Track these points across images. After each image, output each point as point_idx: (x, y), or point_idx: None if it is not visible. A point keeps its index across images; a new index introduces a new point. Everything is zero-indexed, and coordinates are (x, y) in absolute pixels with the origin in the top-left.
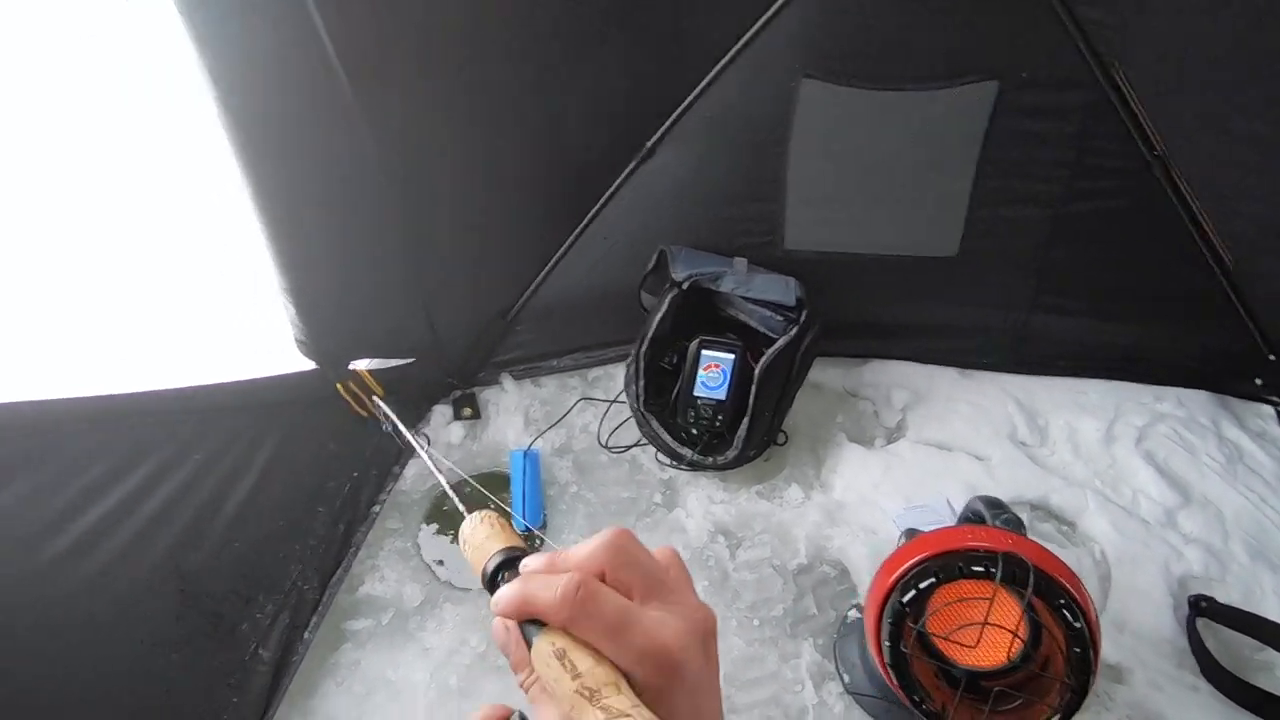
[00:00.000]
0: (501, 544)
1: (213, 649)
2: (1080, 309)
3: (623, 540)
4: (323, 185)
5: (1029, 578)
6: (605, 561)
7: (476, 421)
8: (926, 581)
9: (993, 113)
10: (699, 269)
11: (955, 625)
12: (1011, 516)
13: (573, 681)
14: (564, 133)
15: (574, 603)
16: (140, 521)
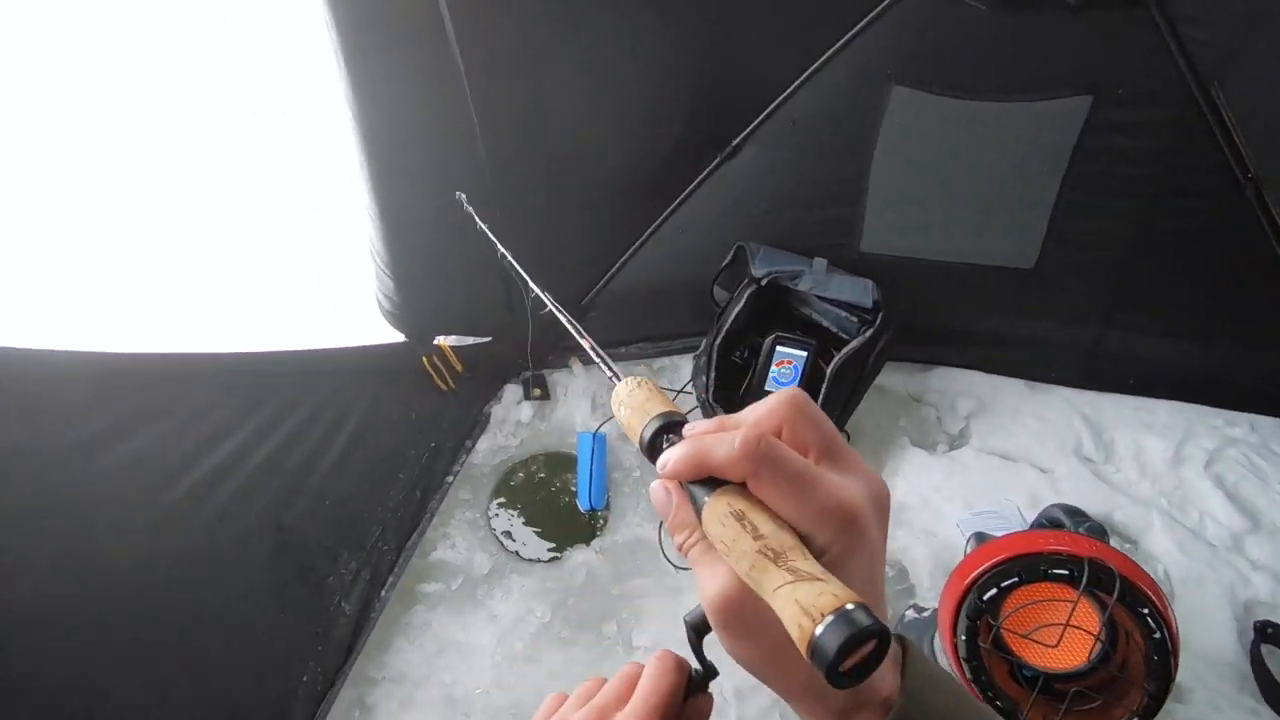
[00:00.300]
0: (662, 407)
1: (303, 598)
2: (1155, 328)
3: (800, 399)
4: (431, 167)
5: (1115, 584)
6: (783, 419)
7: (545, 402)
8: (1008, 581)
9: (1083, 127)
10: (778, 266)
11: (1034, 625)
12: (1095, 524)
13: (754, 542)
14: (656, 126)
15: (755, 455)
16: (248, 472)
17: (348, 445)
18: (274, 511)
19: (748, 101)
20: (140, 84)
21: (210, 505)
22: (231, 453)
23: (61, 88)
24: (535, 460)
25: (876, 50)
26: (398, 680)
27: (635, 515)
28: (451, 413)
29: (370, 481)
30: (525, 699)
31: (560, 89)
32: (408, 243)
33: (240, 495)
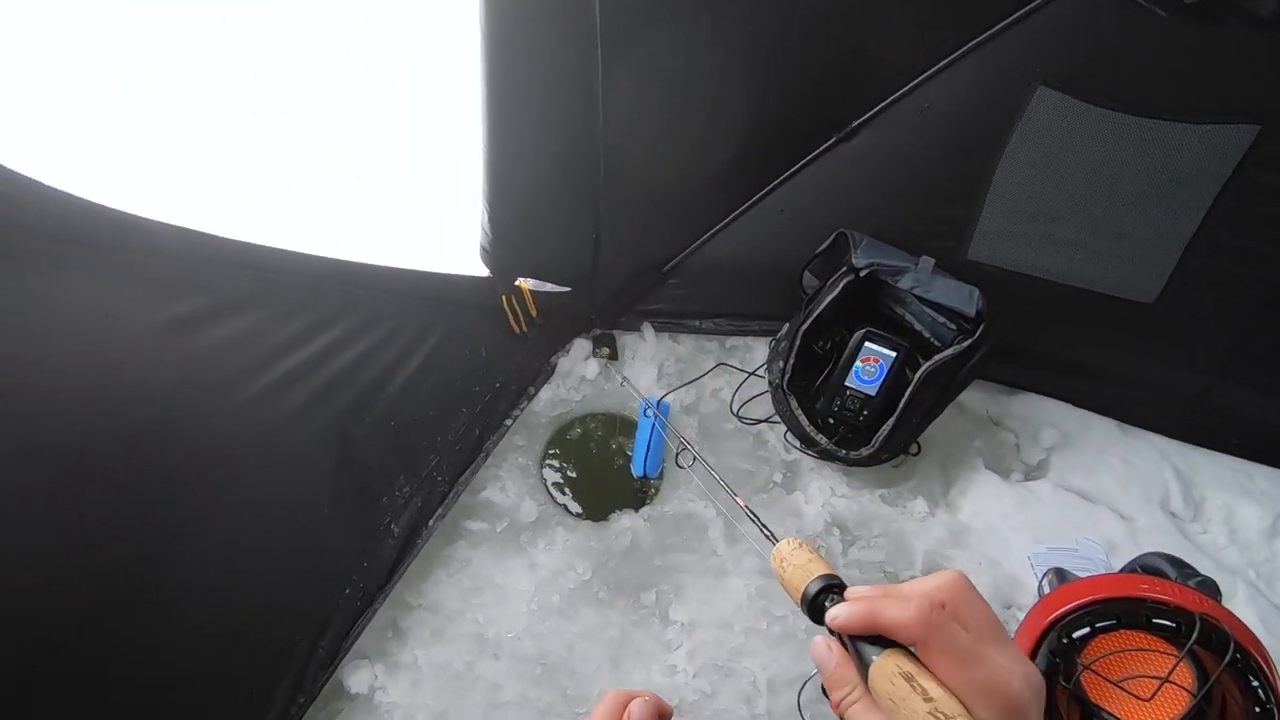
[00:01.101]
0: (824, 569)
1: (356, 512)
2: (1276, 387)
3: (966, 581)
4: (547, 109)
5: (1228, 646)
6: (947, 597)
7: (613, 363)
8: (1105, 622)
9: (1243, 159)
10: (881, 260)
11: (1124, 675)
12: (1207, 580)
13: (925, 704)
14: (769, 99)
15: (929, 621)
16: (326, 378)
17: (419, 370)
18: (343, 422)
19: (873, 83)
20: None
21: (286, 405)
22: (313, 356)
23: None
24: (594, 418)
25: (1026, 46)
26: (433, 610)
27: (687, 490)
28: (520, 356)
29: (435, 410)
30: (554, 651)
31: (688, 50)
32: (512, 185)
33: (315, 400)
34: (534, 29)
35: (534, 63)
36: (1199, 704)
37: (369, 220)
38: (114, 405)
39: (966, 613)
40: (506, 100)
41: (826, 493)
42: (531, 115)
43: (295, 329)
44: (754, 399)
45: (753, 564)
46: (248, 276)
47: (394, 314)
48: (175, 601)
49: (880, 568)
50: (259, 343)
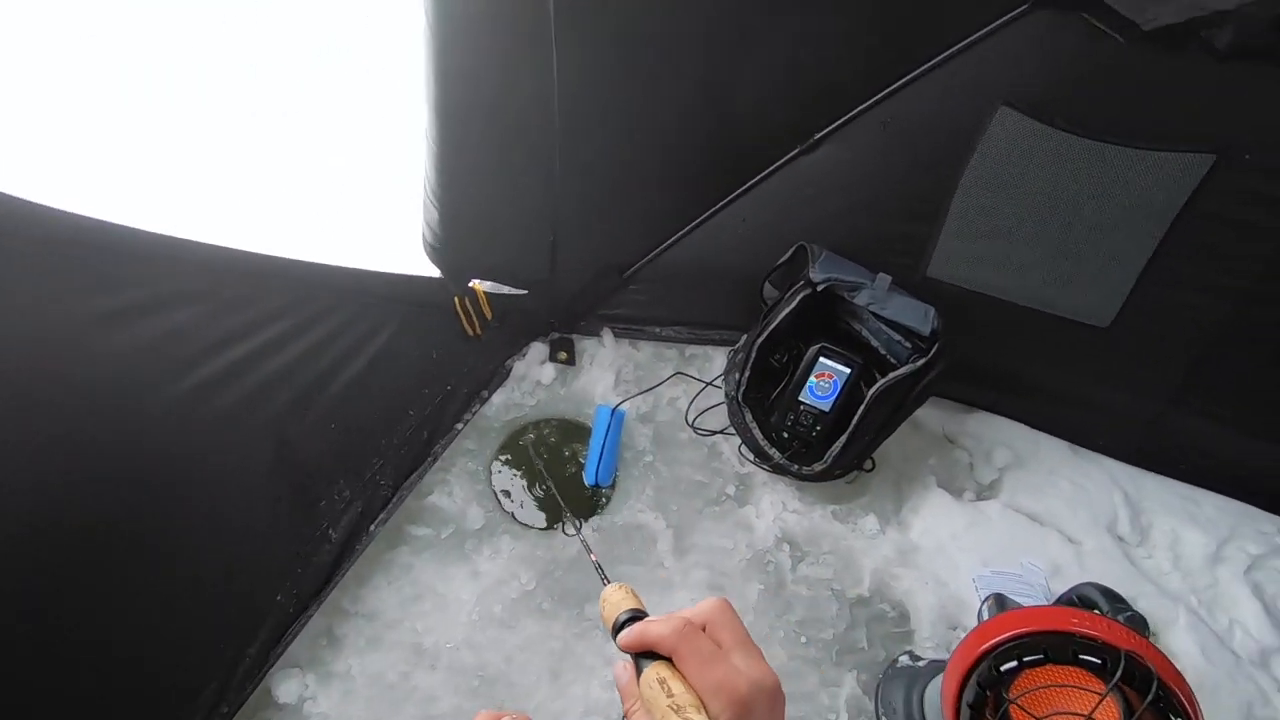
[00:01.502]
0: (632, 605)
1: (292, 516)
2: (1226, 416)
3: (724, 605)
4: (499, 107)
5: (1151, 686)
6: (707, 618)
7: (569, 368)
8: (1032, 656)
9: (1198, 188)
10: (838, 275)
11: (1048, 710)
12: (1137, 615)
13: (667, 699)
14: (731, 104)
15: (681, 634)
16: (262, 376)
17: (364, 372)
18: (281, 423)
19: (836, 96)
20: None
21: (219, 403)
22: (250, 353)
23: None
24: (549, 424)
25: (989, 66)
26: (370, 617)
27: (639, 500)
28: (473, 359)
29: (379, 413)
30: (493, 662)
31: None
32: (461, 180)
33: (250, 399)
34: (482, 23)
35: (482, 57)
36: None
37: (318, 217)
38: (33, 399)
39: (721, 630)
40: (454, 95)
41: (778, 507)
42: (480, 111)
43: (230, 326)
44: (710, 409)
45: (700, 577)
46: (183, 272)
47: (339, 313)
48: (94, 603)
49: (828, 585)
50: (191, 339)
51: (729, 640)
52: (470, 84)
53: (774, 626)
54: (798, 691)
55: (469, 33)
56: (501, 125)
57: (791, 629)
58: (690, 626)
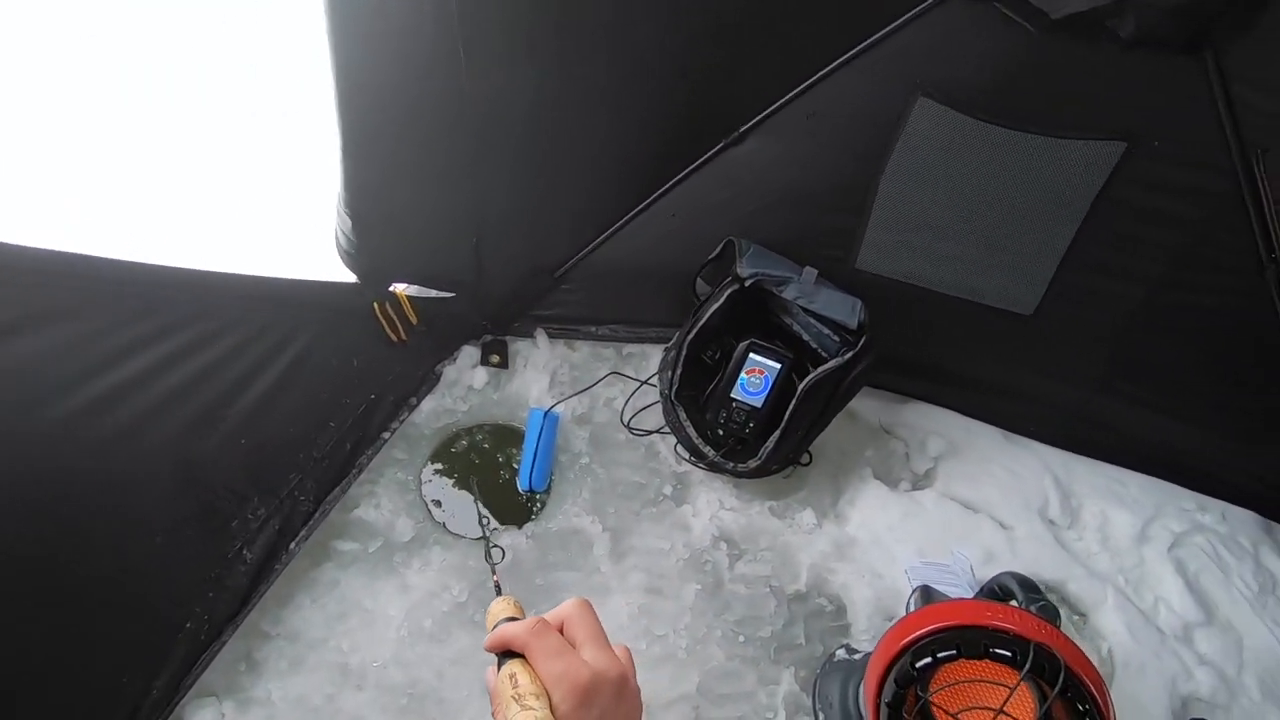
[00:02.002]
0: (509, 614)
1: (200, 539)
2: (1147, 399)
3: (581, 605)
4: (407, 104)
5: (1059, 676)
6: (564, 616)
7: (503, 371)
8: (946, 652)
9: (1111, 176)
10: (766, 269)
11: (963, 705)
12: (1049, 605)
13: (512, 690)
14: (655, 99)
15: (531, 632)
16: (158, 394)
17: (275, 385)
18: (180, 443)
19: (760, 88)
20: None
21: (107, 426)
22: (141, 372)
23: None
24: (482, 429)
25: (907, 55)
26: (292, 639)
27: (574, 504)
28: (400, 366)
29: (296, 426)
30: (424, 679)
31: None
32: (372, 184)
33: (143, 419)
34: (379, 20)
35: (384, 56)
36: None
37: (221, 225)
38: None
39: (576, 627)
40: (357, 96)
41: (715, 506)
42: (386, 113)
43: (115, 344)
44: (647, 408)
45: (638, 580)
46: (53, 288)
47: (244, 324)
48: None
49: (766, 582)
50: (68, 360)
51: (582, 636)
52: (372, 82)
53: (712, 626)
54: (736, 692)
55: (369, 33)
56: (410, 127)
57: (729, 628)
58: (542, 624)
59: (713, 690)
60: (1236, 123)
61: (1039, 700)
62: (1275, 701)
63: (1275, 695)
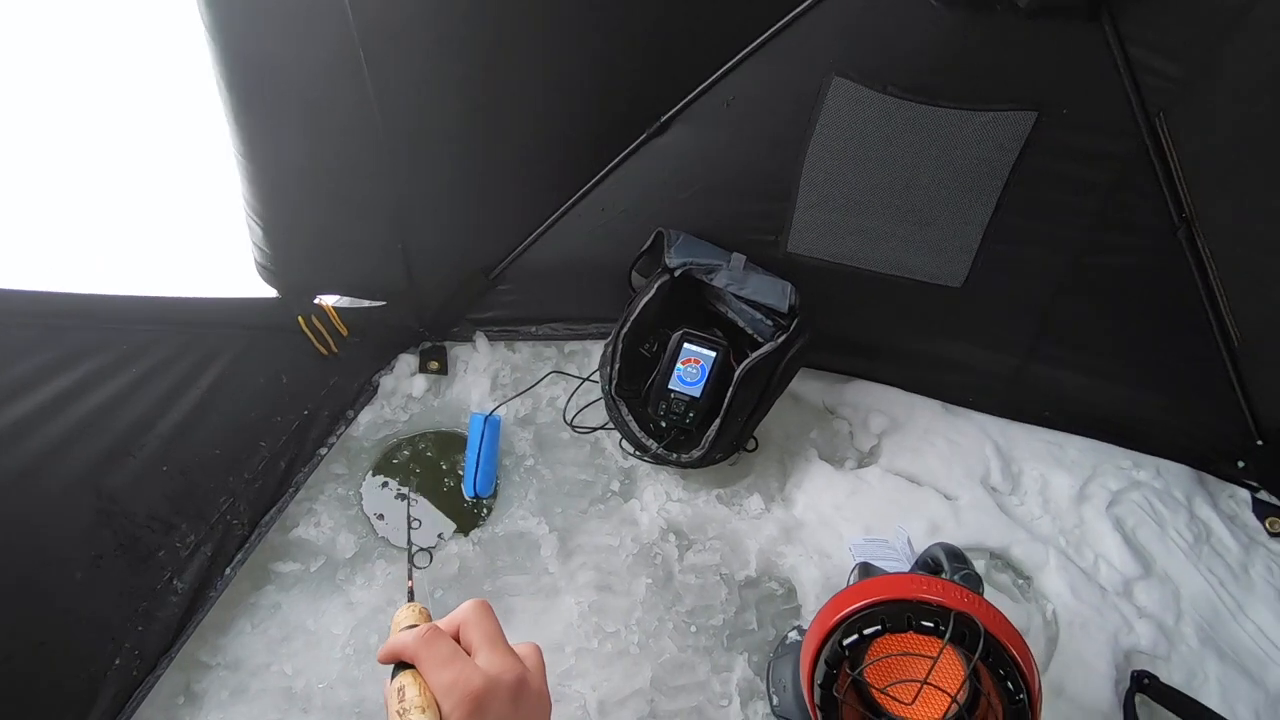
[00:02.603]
0: (411, 622)
1: (124, 573)
2: (1078, 363)
3: (477, 607)
4: (307, 108)
5: (978, 642)
6: (460, 620)
7: (442, 377)
8: (872, 629)
9: (1025, 146)
10: (694, 258)
11: (894, 679)
12: (971, 573)
13: (399, 703)
14: (574, 91)
15: (421, 642)
16: (63, 428)
17: (197, 408)
18: (94, 476)
19: (679, 77)
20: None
21: (10, 462)
22: (43, 405)
23: None
24: (425, 438)
25: (818, 35)
26: (233, 667)
27: (521, 507)
28: (332, 379)
29: (223, 448)
30: (371, 697)
31: (468, 44)
32: (279, 189)
33: (50, 454)
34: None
35: (275, 57)
36: (963, 706)
37: (127, 246)
38: None
39: (471, 630)
40: (254, 107)
41: (662, 498)
42: (288, 121)
43: (16, 377)
44: (590, 405)
45: (587, 579)
46: None
47: (158, 348)
48: None
49: (716, 570)
50: None
51: (477, 640)
52: (264, 77)
53: (663, 619)
54: (690, 682)
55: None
56: (315, 133)
57: (681, 619)
58: (433, 632)
59: (666, 682)
60: (1137, 86)
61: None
62: (1213, 647)
63: (1212, 641)
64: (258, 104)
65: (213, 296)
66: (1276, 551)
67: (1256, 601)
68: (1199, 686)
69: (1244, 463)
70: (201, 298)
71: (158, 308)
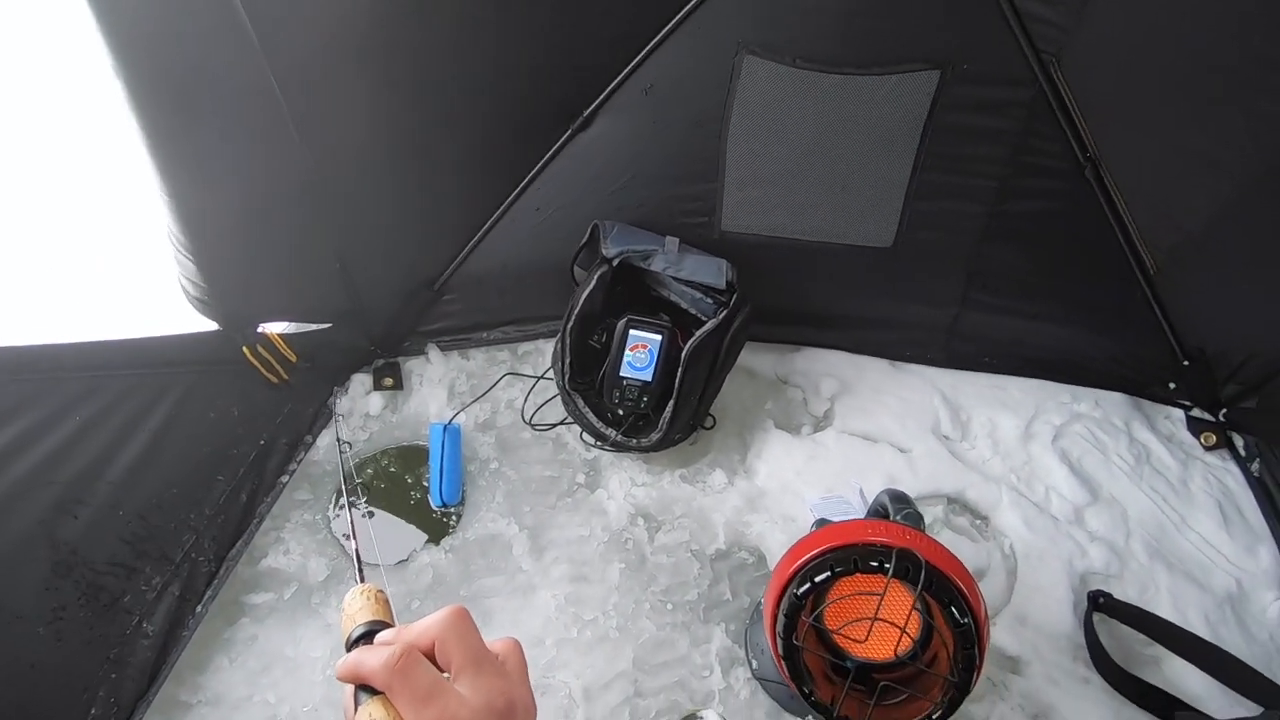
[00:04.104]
0: (370, 616)
1: (89, 623)
2: (1008, 307)
3: (455, 618)
4: (223, 137)
5: (920, 574)
6: (436, 635)
7: (398, 392)
8: (822, 575)
9: (933, 103)
10: (630, 246)
11: (849, 619)
12: (912, 511)
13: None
14: (492, 94)
15: (394, 670)
16: (6, 485)
17: (147, 450)
18: (46, 528)
19: (600, 67)
20: None
21: None
22: None
23: None
24: (387, 455)
25: (724, 14)
26: (214, 703)
27: (489, 510)
28: (287, 407)
29: (180, 487)
30: None
31: (383, 58)
32: (205, 221)
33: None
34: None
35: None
36: (917, 640)
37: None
38: None
39: (450, 648)
40: (166, 142)
41: (628, 484)
42: (199, 130)
43: None
44: (548, 403)
45: (562, 572)
46: None
47: (99, 394)
48: None
49: (687, 547)
50: None
51: (459, 661)
52: (184, 111)
53: (640, 601)
54: (671, 658)
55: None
56: (234, 161)
57: (658, 599)
58: (407, 659)
59: (648, 661)
60: (1030, 36)
61: (922, 605)
62: (1161, 560)
63: (1160, 555)
64: (174, 136)
65: (149, 336)
66: (1212, 464)
67: (1197, 512)
68: (1151, 598)
69: (1175, 384)
70: (138, 338)
71: (92, 353)
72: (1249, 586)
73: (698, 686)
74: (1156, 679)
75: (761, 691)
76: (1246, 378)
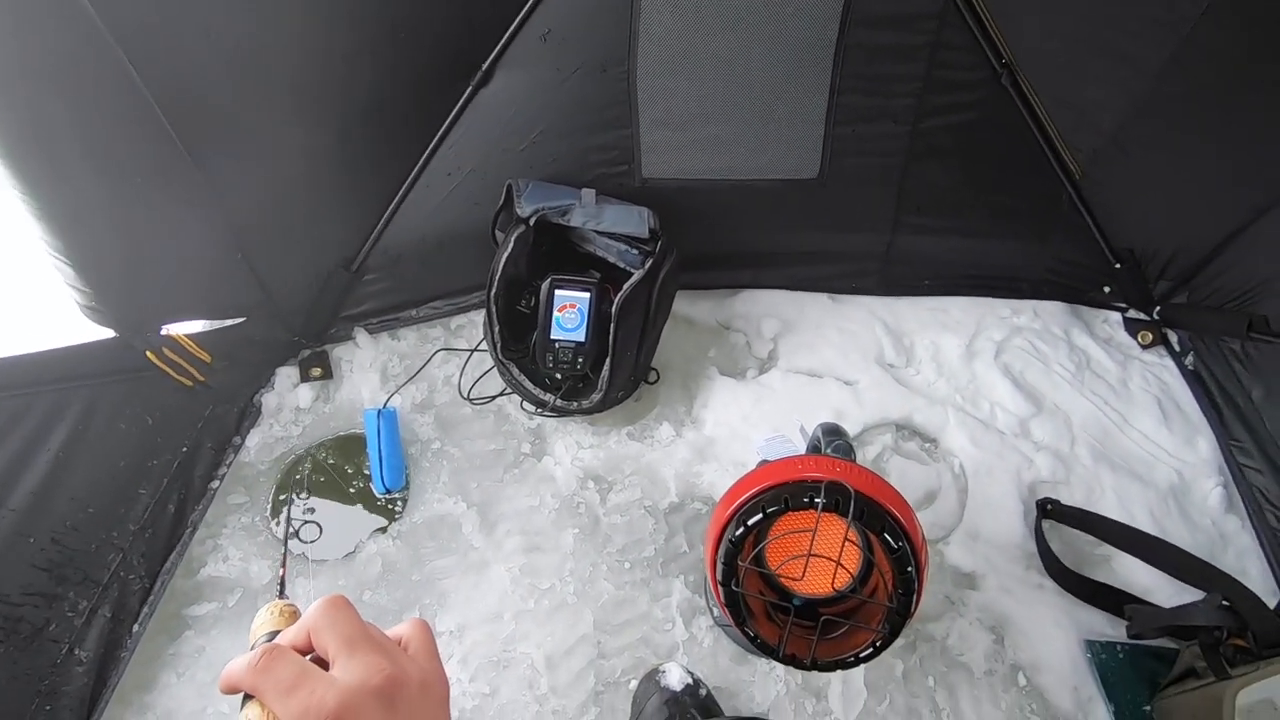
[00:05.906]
0: (272, 628)
1: (12, 658)
2: (940, 227)
3: (325, 607)
4: (78, 127)
5: (849, 505)
6: (310, 627)
7: (328, 381)
8: (755, 517)
9: (842, 23)
10: (546, 203)
11: (787, 557)
12: (842, 443)
13: None
14: (385, 56)
15: (255, 670)
16: None
17: (52, 470)
18: None
19: (493, 16)
20: None
21: None
22: None
23: None
24: (324, 447)
25: None
26: (167, 719)
27: (435, 491)
28: (206, 409)
29: (96, 505)
30: None
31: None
32: (75, 221)
33: None
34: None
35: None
36: (858, 573)
37: None
38: None
39: (325, 637)
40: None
41: (574, 448)
42: (50, 123)
43: None
44: (485, 375)
45: (515, 544)
46: None
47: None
48: None
49: (639, 505)
50: None
51: (333, 647)
52: (30, 119)
53: (596, 564)
54: (633, 616)
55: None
56: (96, 153)
57: (614, 560)
58: (268, 656)
59: (609, 622)
60: None
61: (862, 538)
62: (1105, 462)
63: (1105, 457)
64: (22, 134)
65: (37, 351)
66: (1150, 362)
67: (1138, 411)
68: (1097, 500)
69: (1109, 287)
70: (22, 355)
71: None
72: (1190, 477)
73: (661, 640)
74: (1107, 577)
75: (725, 638)
76: (1176, 273)
